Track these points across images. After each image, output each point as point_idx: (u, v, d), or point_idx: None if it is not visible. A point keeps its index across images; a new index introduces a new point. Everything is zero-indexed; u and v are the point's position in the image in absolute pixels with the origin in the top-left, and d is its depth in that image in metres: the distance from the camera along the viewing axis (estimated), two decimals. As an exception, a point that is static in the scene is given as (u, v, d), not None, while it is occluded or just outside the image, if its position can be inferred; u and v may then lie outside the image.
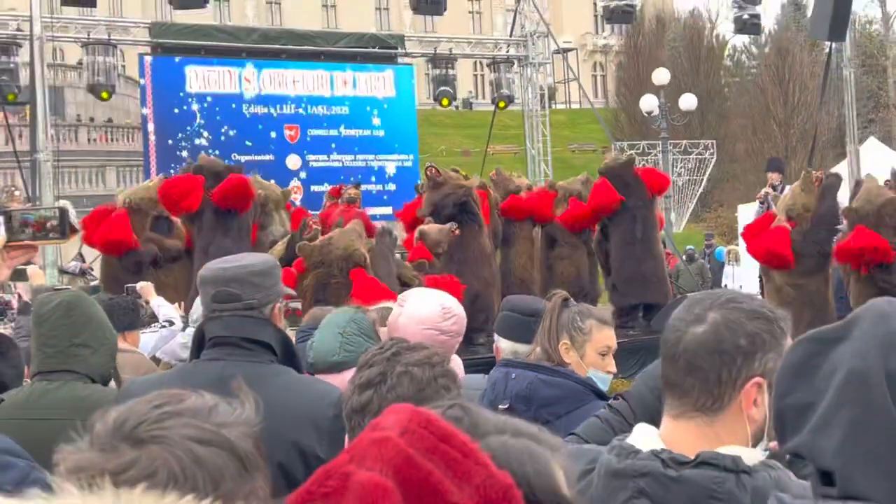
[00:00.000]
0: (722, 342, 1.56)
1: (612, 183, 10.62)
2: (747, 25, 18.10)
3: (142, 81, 18.03)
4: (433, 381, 1.95)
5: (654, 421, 1.90)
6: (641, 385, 2.11)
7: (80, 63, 22.27)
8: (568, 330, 3.00)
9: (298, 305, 7.02)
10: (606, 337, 3.06)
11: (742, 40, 49.12)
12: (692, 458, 1.50)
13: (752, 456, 1.53)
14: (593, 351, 3.03)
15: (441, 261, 9.40)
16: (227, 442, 0.93)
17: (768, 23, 45.76)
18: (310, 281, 7.14)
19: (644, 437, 1.61)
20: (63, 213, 2.31)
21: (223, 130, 18.08)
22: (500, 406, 2.81)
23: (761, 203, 11.79)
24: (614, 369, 3.09)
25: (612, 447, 1.62)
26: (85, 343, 2.95)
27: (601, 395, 2.83)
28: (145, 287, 6.42)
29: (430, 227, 9.37)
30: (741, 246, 17.35)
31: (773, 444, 1.83)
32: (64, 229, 2.30)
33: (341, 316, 3.34)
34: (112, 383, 3.11)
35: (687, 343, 1.57)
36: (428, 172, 9.83)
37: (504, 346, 3.41)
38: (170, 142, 17.65)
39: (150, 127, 17.66)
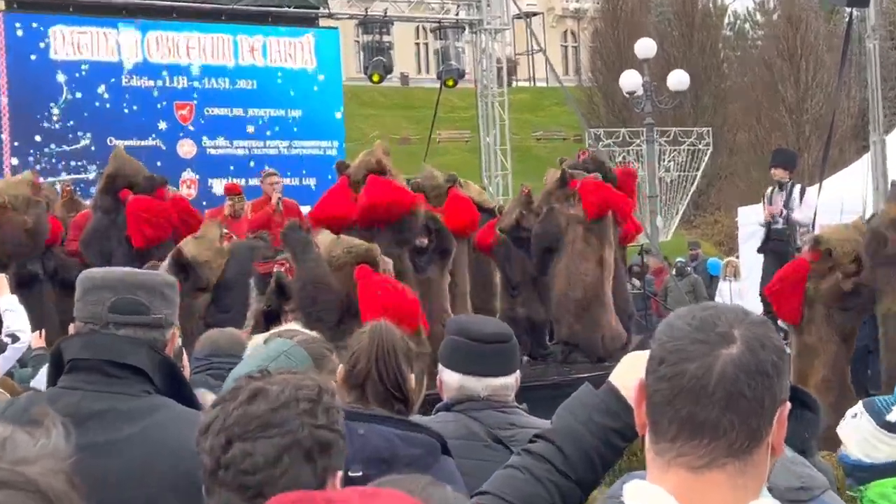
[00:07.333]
0: (762, 362, 1.55)
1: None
2: (751, -14, 18.36)
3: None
4: (294, 403, 1.92)
5: (592, 461, 1.94)
6: (570, 420, 2.05)
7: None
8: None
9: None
10: None
11: (745, 5, 50.01)
12: None
13: None
14: None
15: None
16: (28, 482, 0.91)
17: (777, -15, 46.58)
18: None
19: (651, 499, 1.55)
20: None
21: (97, 108, 17.85)
22: (350, 473, 2.60)
23: (764, 224, 11.98)
24: None
25: None
26: None
27: (446, 450, 2.91)
28: None
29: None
30: (744, 257, 17.62)
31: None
32: None
33: (275, 348, 3.20)
34: None
35: (724, 369, 1.53)
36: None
37: (450, 380, 3.37)
38: (28, 120, 17.40)
39: (3, 101, 17.37)
